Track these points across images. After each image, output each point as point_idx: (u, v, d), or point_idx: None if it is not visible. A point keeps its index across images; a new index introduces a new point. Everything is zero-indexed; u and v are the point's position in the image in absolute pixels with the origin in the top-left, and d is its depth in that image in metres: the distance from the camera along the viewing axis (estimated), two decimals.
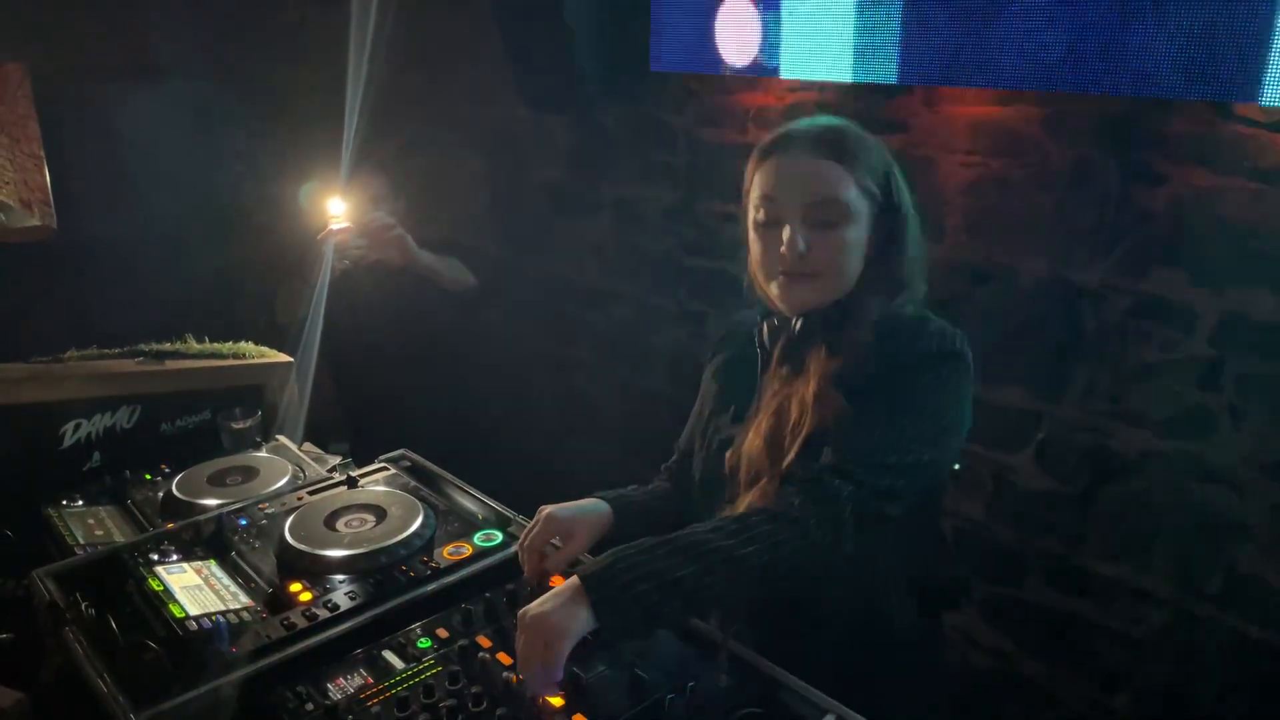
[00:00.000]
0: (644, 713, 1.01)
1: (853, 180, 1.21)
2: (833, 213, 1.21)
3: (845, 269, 1.24)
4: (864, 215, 1.23)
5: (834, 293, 1.25)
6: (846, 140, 1.24)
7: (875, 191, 1.23)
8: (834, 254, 1.22)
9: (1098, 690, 2.26)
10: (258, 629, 1.15)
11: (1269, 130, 1.82)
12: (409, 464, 1.63)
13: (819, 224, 1.22)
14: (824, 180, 1.21)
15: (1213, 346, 1.96)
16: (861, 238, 1.24)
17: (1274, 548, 1.95)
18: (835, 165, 1.21)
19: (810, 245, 1.22)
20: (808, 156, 1.23)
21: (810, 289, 1.25)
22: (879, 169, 1.25)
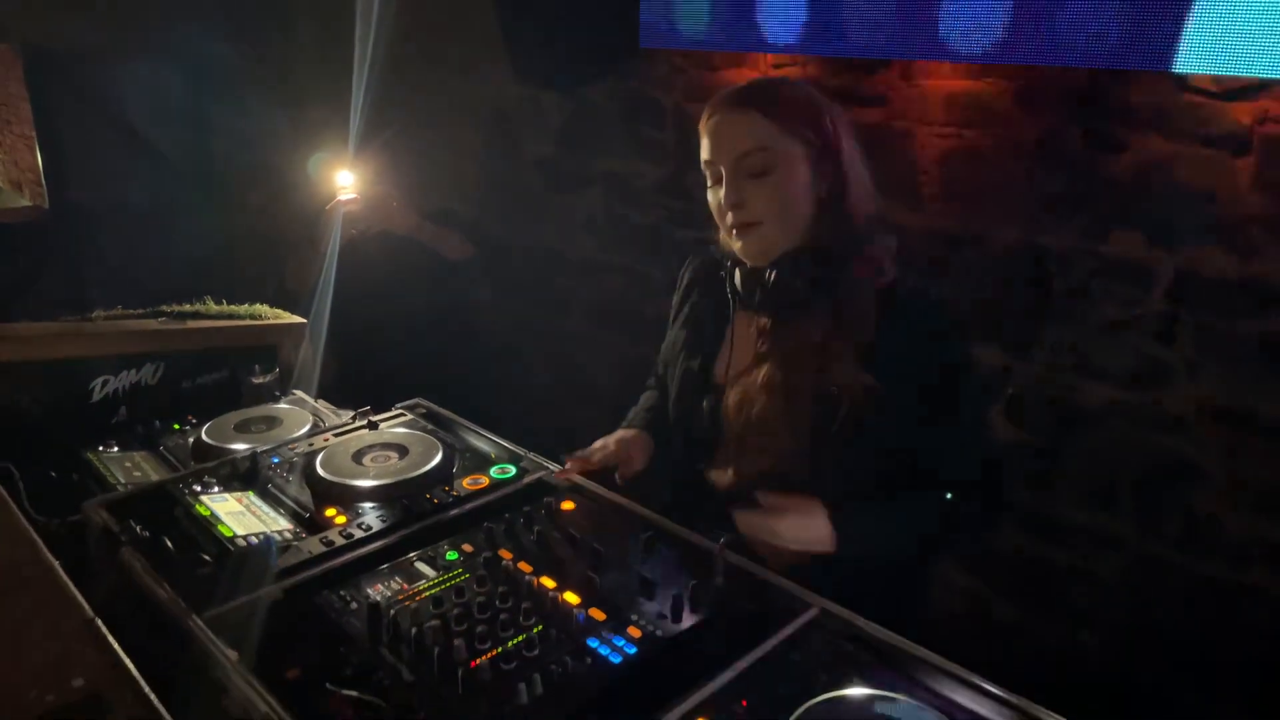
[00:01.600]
0: (651, 607, 1.14)
1: (777, 126, 1.31)
2: (759, 161, 1.31)
3: (786, 214, 1.34)
4: (797, 159, 1.33)
5: (784, 237, 1.36)
6: (767, 90, 1.35)
7: (808, 134, 1.33)
8: (769, 201, 1.33)
9: (1066, 630, 2.42)
10: (300, 545, 1.27)
11: (1220, 99, 1.96)
12: (424, 410, 1.75)
13: (750, 174, 1.33)
14: (747, 130, 1.32)
15: (1168, 303, 2.11)
16: (799, 182, 1.33)
17: (1227, 491, 2.10)
18: (756, 114, 1.32)
19: (745, 195, 1.33)
20: (731, 112, 1.34)
21: (758, 237, 1.36)
22: (809, 114, 1.34)
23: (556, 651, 1.06)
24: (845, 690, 0.99)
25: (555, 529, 1.33)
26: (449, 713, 0.98)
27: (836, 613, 1.14)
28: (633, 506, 1.39)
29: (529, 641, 1.07)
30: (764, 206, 1.35)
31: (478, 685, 1.01)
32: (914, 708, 0.96)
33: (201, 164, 3.70)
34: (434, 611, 1.13)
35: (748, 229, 1.37)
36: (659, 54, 3.02)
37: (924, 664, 1.05)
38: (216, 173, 3.71)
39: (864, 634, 1.10)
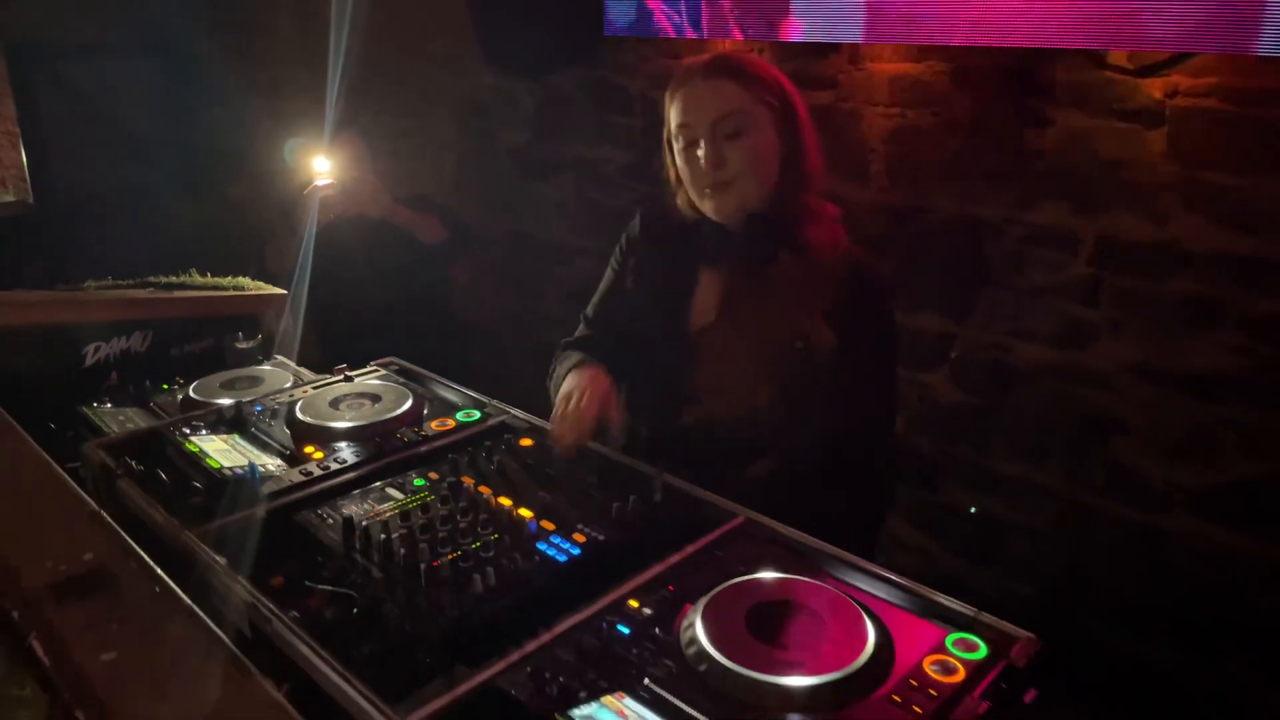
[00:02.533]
0: (597, 519, 1.28)
1: (746, 92, 1.47)
2: (735, 123, 1.46)
3: (759, 172, 1.50)
4: (765, 123, 1.49)
5: (756, 196, 1.51)
6: (735, 61, 1.51)
7: (772, 101, 1.49)
8: (745, 160, 1.48)
9: (1004, 579, 2.58)
10: (281, 475, 1.41)
11: (1134, 75, 2.12)
12: (397, 367, 1.89)
13: (726, 135, 1.47)
14: (723, 96, 1.47)
15: (1091, 267, 2.27)
16: (768, 142, 1.49)
17: (1147, 441, 2.26)
18: (729, 82, 1.47)
19: (723, 156, 1.47)
20: (706, 80, 1.49)
21: (733, 195, 1.51)
22: (771, 81, 1.50)
23: (509, 553, 1.20)
24: (758, 574, 1.14)
25: (514, 459, 1.47)
26: (412, 600, 1.11)
27: (760, 520, 1.28)
28: None
29: (485, 546, 1.21)
30: (739, 165, 1.49)
31: (438, 579, 1.15)
32: (816, 586, 1.11)
33: (182, 153, 3.80)
34: (401, 524, 1.27)
35: (724, 187, 1.51)
36: (625, 42, 3.16)
37: (836, 559, 1.20)
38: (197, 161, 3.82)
39: (783, 537, 1.25)
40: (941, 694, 0.94)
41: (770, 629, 1.04)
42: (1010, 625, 1.05)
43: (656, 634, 1.06)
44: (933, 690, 0.95)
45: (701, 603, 1.08)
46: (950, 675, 0.97)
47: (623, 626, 1.07)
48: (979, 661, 1.00)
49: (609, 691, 0.96)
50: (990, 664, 0.99)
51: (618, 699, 0.95)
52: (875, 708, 0.93)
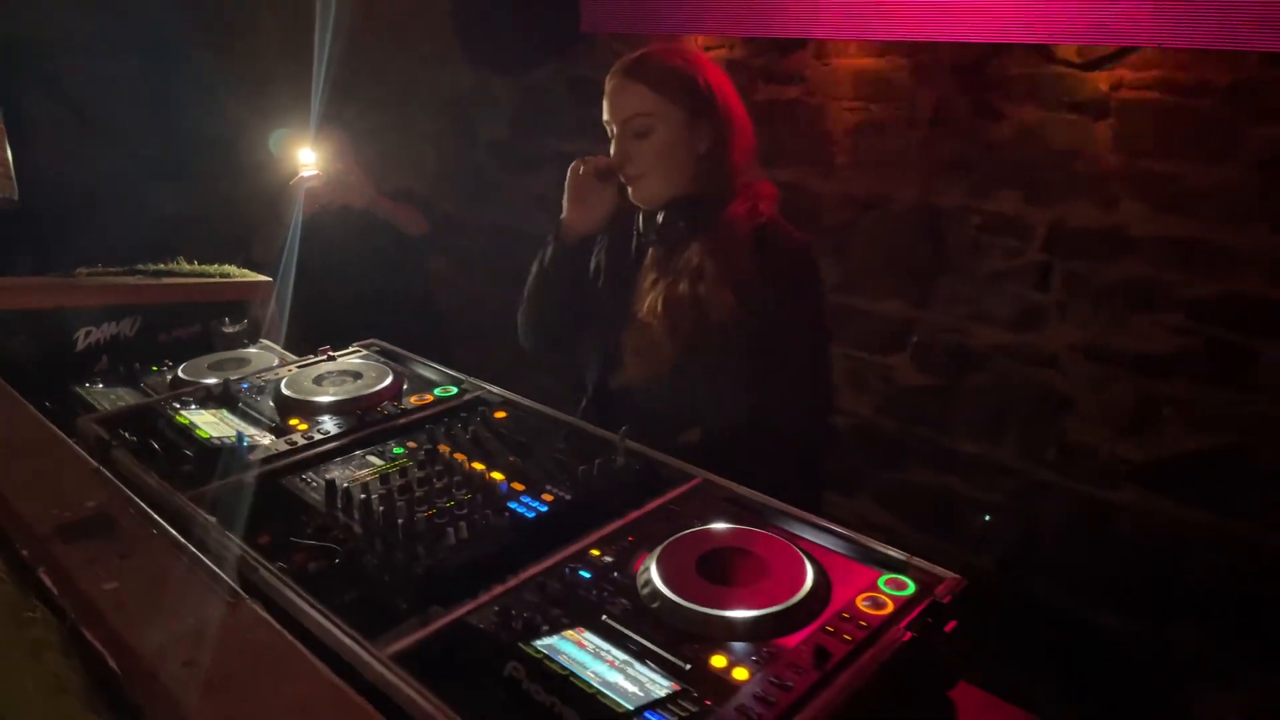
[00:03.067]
0: (564, 480, 1.38)
1: (656, 95, 1.57)
2: (641, 124, 1.58)
3: (667, 167, 1.60)
4: (675, 123, 1.57)
5: (666, 187, 1.62)
6: (649, 63, 1.60)
7: (684, 100, 1.58)
8: (650, 156, 1.59)
9: (967, 553, 2.69)
10: (267, 444, 1.50)
11: (1082, 69, 2.23)
12: (379, 348, 1.97)
13: (635, 134, 1.59)
14: (634, 97, 1.59)
15: (1044, 253, 2.38)
16: (678, 141, 1.58)
17: (1094, 418, 2.38)
18: (641, 85, 1.58)
19: (630, 153, 1.59)
20: (622, 81, 1.61)
21: (643, 186, 1.63)
22: (684, 83, 1.59)
23: (481, 510, 1.29)
24: (710, 525, 1.23)
25: (488, 429, 1.56)
26: (390, 552, 1.20)
27: (718, 481, 1.38)
28: (555, 413, 1.63)
29: (459, 504, 1.30)
30: (646, 161, 1.61)
31: (414, 533, 1.24)
32: (763, 534, 1.20)
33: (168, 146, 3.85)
34: (381, 486, 1.36)
35: (636, 180, 1.64)
36: (601, 38, 3.25)
37: (785, 514, 1.29)
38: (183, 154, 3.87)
39: (739, 496, 1.35)
40: (870, 624, 1.04)
41: (719, 572, 1.13)
42: (939, 567, 1.15)
43: (615, 577, 1.15)
44: (863, 621, 1.05)
45: (657, 550, 1.17)
46: (879, 609, 1.07)
47: (584, 572, 1.16)
48: (907, 598, 1.09)
49: (570, 626, 1.06)
50: (917, 600, 1.09)
51: (578, 632, 1.04)
52: (812, 636, 1.02)
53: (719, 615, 1.05)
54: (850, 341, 2.83)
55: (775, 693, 0.94)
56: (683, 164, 1.60)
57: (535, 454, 1.47)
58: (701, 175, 1.61)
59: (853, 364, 2.84)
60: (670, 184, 1.62)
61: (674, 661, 1.00)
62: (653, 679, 0.97)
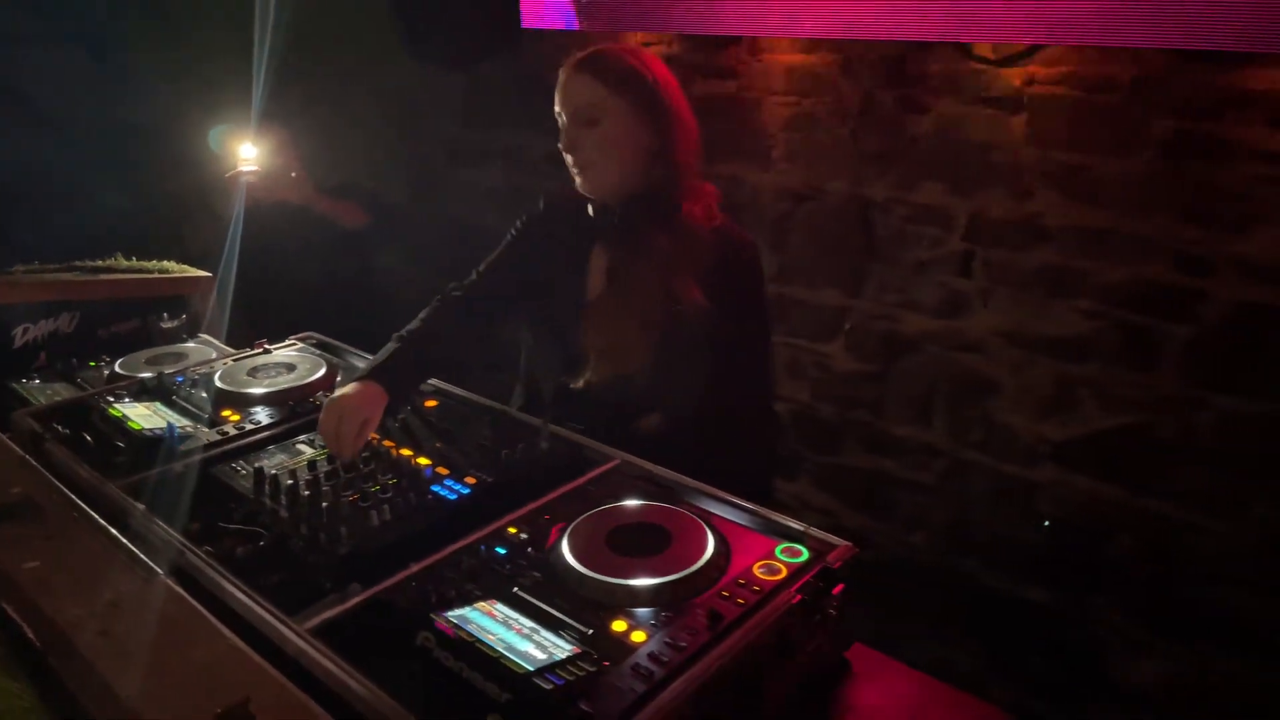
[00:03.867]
0: (488, 465, 1.43)
1: (605, 88, 1.62)
2: (589, 113, 1.62)
3: (615, 158, 1.63)
4: (623, 115, 1.62)
5: (616, 176, 1.65)
6: (599, 58, 1.65)
7: (632, 95, 1.62)
8: (597, 146, 1.63)
9: (900, 532, 2.78)
10: (200, 435, 1.53)
11: (997, 66, 2.32)
12: (315, 340, 2.01)
13: (583, 123, 1.63)
14: (581, 89, 1.63)
15: (966, 242, 2.47)
16: (626, 132, 1.62)
17: (1016, 400, 2.48)
18: (590, 77, 1.63)
19: (579, 141, 1.63)
20: (573, 73, 1.65)
21: (591, 176, 1.66)
22: (633, 78, 1.63)
23: (405, 494, 1.35)
24: (622, 502, 1.30)
25: (418, 418, 1.61)
26: (314, 535, 1.25)
27: (634, 461, 1.45)
28: (483, 401, 1.68)
29: (384, 489, 1.35)
30: (595, 150, 1.64)
31: (339, 517, 1.29)
32: (671, 510, 1.27)
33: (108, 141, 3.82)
34: (309, 473, 1.41)
35: (584, 168, 1.67)
36: (546, 34, 3.29)
37: (697, 491, 1.36)
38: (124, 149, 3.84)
39: (654, 475, 1.41)
40: (763, 589, 1.11)
41: (628, 545, 1.20)
42: (832, 536, 1.22)
43: (529, 553, 1.21)
44: (756, 586, 1.12)
45: (570, 526, 1.24)
46: (774, 575, 1.14)
47: (500, 549, 1.22)
48: (800, 564, 1.17)
49: (483, 599, 1.11)
50: (809, 566, 1.16)
51: (489, 604, 1.10)
52: (707, 601, 1.09)
53: (622, 584, 1.11)
54: (788, 330, 2.91)
55: (669, 652, 1.01)
56: (630, 156, 1.65)
57: (462, 440, 1.53)
58: (650, 171, 1.66)
59: (791, 351, 2.92)
60: (618, 174, 1.66)
61: (578, 627, 1.06)
62: (556, 643, 1.03)
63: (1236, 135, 2.01)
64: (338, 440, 1.43)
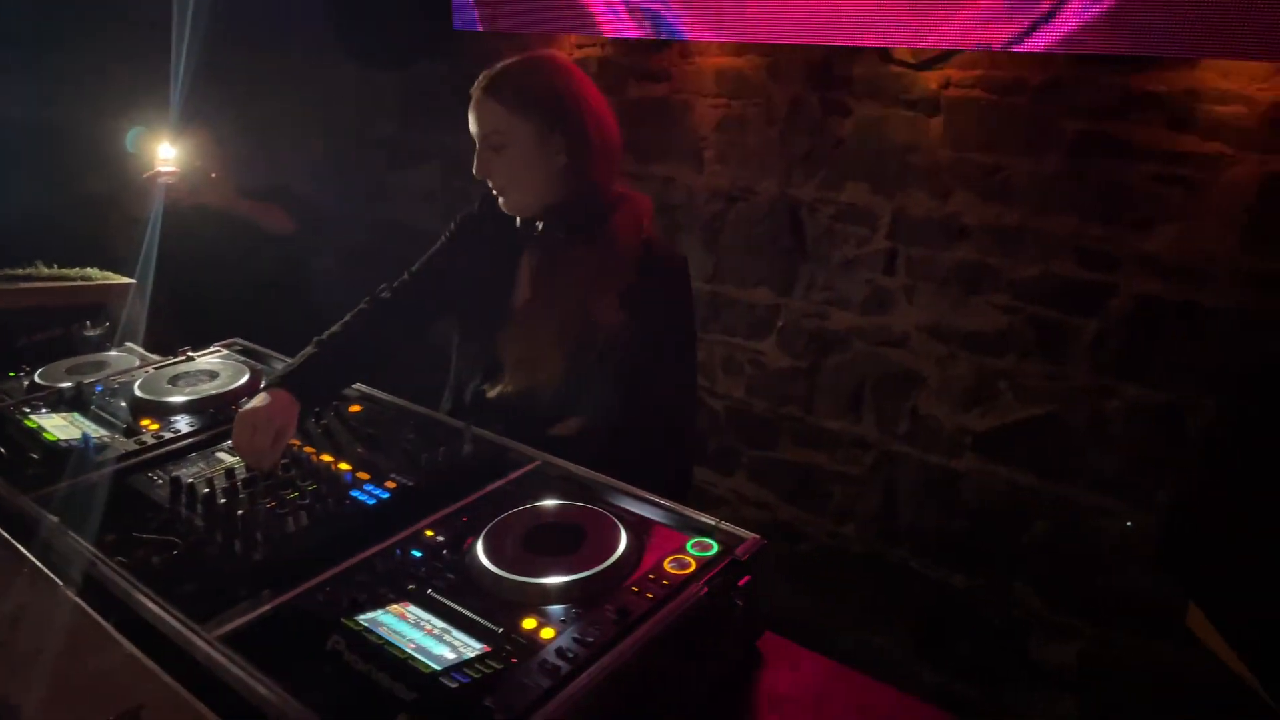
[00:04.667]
0: (410, 468, 1.45)
1: (508, 111, 1.59)
2: (496, 139, 1.61)
3: (527, 179, 1.63)
4: (529, 137, 1.59)
5: (528, 198, 1.65)
6: (504, 79, 1.61)
7: (537, 117, 1.59)
8: (508, 170, 1.62)
9: (832, 523, 2.85)
10: (117, 445, 1.52)
11: (915, 69, 2.39)
12: (240, 347, 2.00)
13: (493, 148, 1.62)
14: (486, 115, 1.61)
15: (889, 240, 2.54)
16: (531, 156, 1.60)
17: (940, 392, 2.56)
18: (495, 102, 1.60)
19: (489, 167, 1.63)
20: (478, 97, 1.63)
21: (509, 198, 1.66)
22: (540, 99, 1.60)
23: (323, 500, 1.35)
24: (540, 502, 1.32)
25: (341, 423, 1.62)
26: (229, 543, 1.26)
27: (555, 462, 1.47)
28: (408, 405, 1.69)
29: (302, 495, 1.36)
30: (504, 176, 1.64)
31: (255, 524, 1.29)
32: (586, 509, 1.30)
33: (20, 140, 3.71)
34: (226, 481, 1.41)
35: (501, 192, 1.68)
36: (482, 35, 3.30)
37: (613, 489, 1.39)
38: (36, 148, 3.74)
39: (574, 475, 1.44)
40: (672, 583, 1.15)
41: (543, 544, 1.22)
42: (742, 530, 1.26)
43: (445, 555, 1.23)
44: (665, 580, 1.15)
45: (486, 527, 1.26)
46: (683, 569, 1.18)
47: (416, 551, 1.24)
48: (709, 558, 1.20)
49: (396, 601, 1.13)
50: (718, 559, 1.20)
51: (402, 606, 1.12)
52: (618, 597, 1.12)
53: (533, 583, 1.14)
54: (722, 328, 2.96)
55: (576, 648, 1.03)
56: (540, 177, 1.64)
57: (385, 445, 1.54)
58: (565, 186, 1.65)
59: (726, 349, 2.97)
60: (533, 195, 1.66)
61: (488, 626, 1.08)
62: (466, 642, 1.05)
63: (1138, 136, 2.10)
64: (253, 453, 1.42)
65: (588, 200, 1.67)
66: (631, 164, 3.07)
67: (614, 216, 1.66)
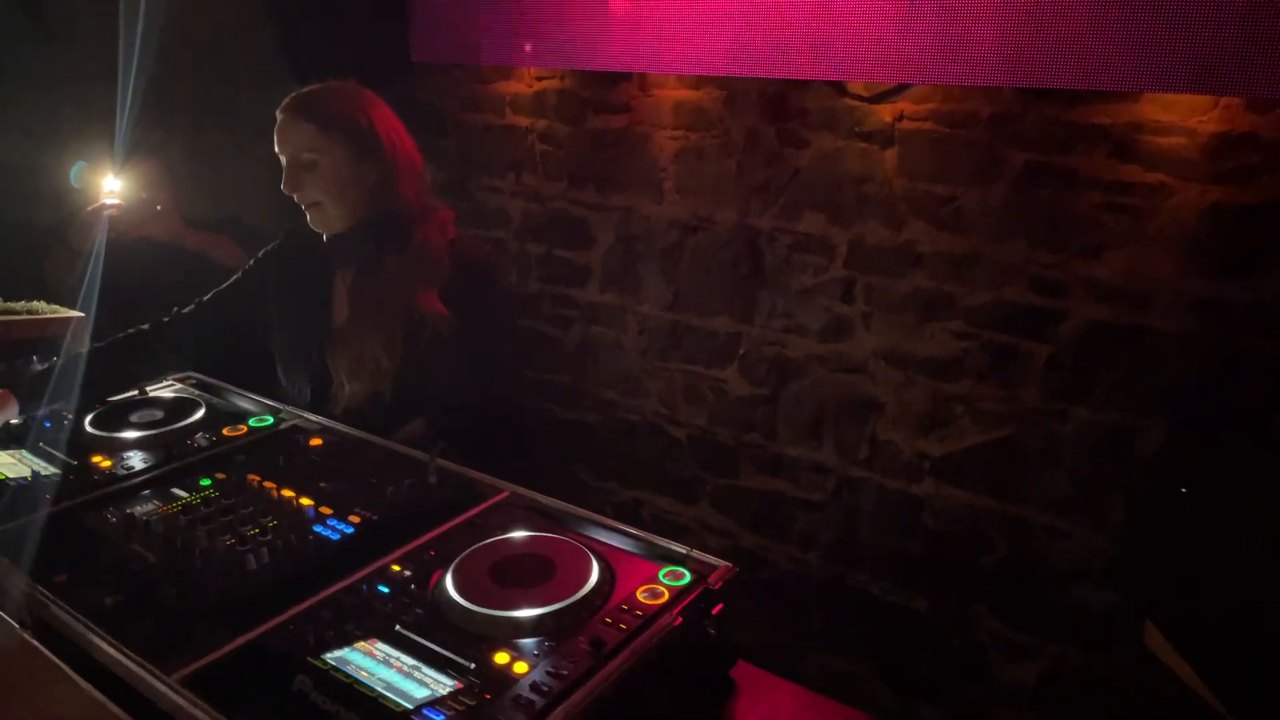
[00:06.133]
0: (374, 502, 1.42)
1: (319, 132, 1.71)
2: (308, 158, 1.72)
3: (337, 196, 1.74)
4: (339, 155, 1.72)
5: (340, 213, 1.76)
6: (313, 100, 1.74)
7: (347, 137, 1.72)
8: (319, 185, 1.73)
9: (795, 550, 2.86)
10: (66, 483, 1.47)
11: (869, 102, 2.45)
12: (195, 380, 1.96)
13: (303, 165, 1.73)
14: (295, 133, 1.73)
15: (847, 269, 2.59)
16: (343, 171, 1.72)
17: (899, 418, 2.59)
18: (304, 122, 1.72)
19: (300, 182, 1.73)
20: (288, 117, 1.74)
21: (318, 213, 1.78)
22: (346, 120, 1.73)
23: (285, 536, 1.32)
24: (508, 534, 1.31)
25: (302, 457, 1.59)
26: (187, 580, 1.22)
27: (523, 493, 1.46)
28: (370, 438, 1.67)
29: (263, 531, 1.33)
30: (317, 191, 1.76)
31: (213, 562, 1.26)
32: (556, 540, 1.29)
33: None
34: (184, 518, 1.37)
35: (311, 207, 1.79)
36: (439, 66, 3.30)
37: (584, 519, 1.38)
38: None
39: (543, 505, 1.43)
40: (646, 613, 1.14)
41: (514, 576, 1.21)
42: (714, 558, 1.26)
43: (413, 590, 1.21)
44: (639, 611, 1.14)
45: (454, 560, 1.24)
46: (656, 599, 1.17)
47: (383, 586, 1.21)
48: (682, 587, 1.20)
49: (363, 638, 1.11)
50: (691, 588, 1.20)
51: (370, 643, 1.10)
52: (592, 628, 1.11)
53: (505, 616, 1.12)
54: (683, 357, 2.97)
55: (550, 681, 1.02)
56: (351, 194, 1.75)
57: (347, 478, 1.51)
58: (374, 203, 1.76)
59: (688, 378, 2.98)
60: (343, 211, 1.77)
61: (460, 662, 1.06)
62: (438, 679, 1.03)
63: (1084, 166, 2.18)
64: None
65: (397, 214, 1.79)
66: (591, 194, 3.09)
67: (420, 226, 1.81)
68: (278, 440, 1.66)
